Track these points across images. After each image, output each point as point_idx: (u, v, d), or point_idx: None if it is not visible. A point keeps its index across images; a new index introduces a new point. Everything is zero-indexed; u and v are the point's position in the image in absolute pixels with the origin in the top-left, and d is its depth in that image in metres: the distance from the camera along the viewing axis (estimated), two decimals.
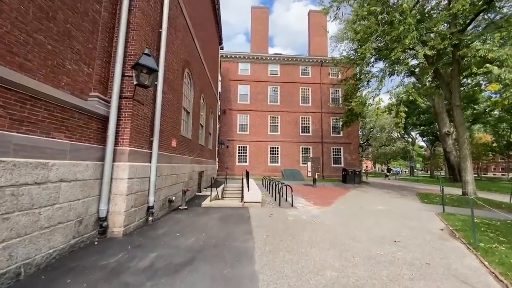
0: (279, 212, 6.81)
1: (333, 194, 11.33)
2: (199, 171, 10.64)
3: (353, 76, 14.69)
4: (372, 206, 8.55)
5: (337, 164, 21.13)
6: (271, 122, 21.02)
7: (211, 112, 14.81)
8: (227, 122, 20.57)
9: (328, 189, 13.54)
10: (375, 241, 4.57)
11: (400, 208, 8.39)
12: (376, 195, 11.63)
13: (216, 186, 12.33)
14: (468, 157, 10.42)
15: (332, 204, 8.69)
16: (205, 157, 12.42)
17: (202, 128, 11.97)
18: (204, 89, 11.88)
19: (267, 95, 21.25)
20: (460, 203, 9.37)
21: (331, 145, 21.26)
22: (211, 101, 14.43)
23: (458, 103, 10.54)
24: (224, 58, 21.18)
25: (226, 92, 20.96)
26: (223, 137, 20.44)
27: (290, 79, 21.60)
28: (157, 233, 4.58)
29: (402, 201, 9.97)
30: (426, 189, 16.14)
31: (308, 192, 11.72)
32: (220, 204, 7.48)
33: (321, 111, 21.50)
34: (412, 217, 6.90)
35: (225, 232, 4.79)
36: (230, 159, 20.14)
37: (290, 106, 21.29)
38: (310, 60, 21.71)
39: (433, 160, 48.07)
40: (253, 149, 20.44)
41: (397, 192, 13.23)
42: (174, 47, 6.90)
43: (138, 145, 4.89)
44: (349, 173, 17.73)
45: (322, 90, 21.66)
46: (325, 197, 10.28)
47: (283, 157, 20.66)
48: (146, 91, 5.21)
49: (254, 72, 21.41)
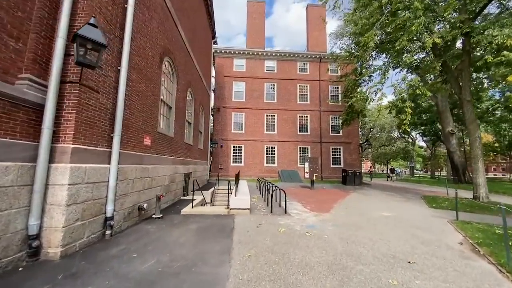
0: (270, 221, 5.87)
1: (332, 198, 10.40)
2: (185, 172, 9.69)
3: (353, 71, 13.77)
4: (375, 212, 7.62)
5: (336, 165, 20.21)
6: (267, 121, 20.08)
7: (202, 109, 13.87)
8: (221, 120, 19.61)
9: (327, 192, 12.61)
10: (384, 263, 3.64)
11: (408, 214, 7.46)
12: (379, 199, 10.71)
13: (207, 189, 11.41)
14: (480, 158, 9.50)
15: (331, 210, 7.75)
16: (193, 157, 11.47)
17: (190, 125, 11.02)
18: (192, 83, 10.94)
19: (263, 92, 20.31)
20: (473, 208, 8.44)
21: (330, 144, 20.34)
22: (202, 98, 13.49)
23: (469, 98, 9.63)
24: (218, 54, 20.24)
25: (221, 89, 20.00)
26: (217, 136, 19.48)
27: (287, 75, 20.68)
28: (109, 254, 3.62)
29: (408, 206, 9.04)
30: (430, 191, 15.23)
31: (305, 196, 10.78)
32: (202, 211, 6.52)
33: (319, 109, 20.57)
34: (423, 226, 5.96)
35: (197, 251, 3.84)
36: (225, 159, 19.18)
37: (287, 104, 20.37)
38: (308, 56, 20.78)
39: (434, 161, 47.30)
40: (249, 149, 19.49)
41: (401, 195, 12.31)
42: (148, 30, 5.95)
43: (89, 142, 3.93)
44: (349, 174, 16.81)
45: (320, 87, 20.74)
46: (323, 202, 9.34)
47: (280, 157, 19.72)
48: (103, 76, 4.27)
49: (249, 69, 20.47)
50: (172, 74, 8.24)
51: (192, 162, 11.09)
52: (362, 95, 10.61)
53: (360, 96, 10.59)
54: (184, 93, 9.50)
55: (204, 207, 6.95)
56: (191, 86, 10.72)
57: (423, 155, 68.66)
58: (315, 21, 22.02)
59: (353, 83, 12.63)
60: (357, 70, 12.95)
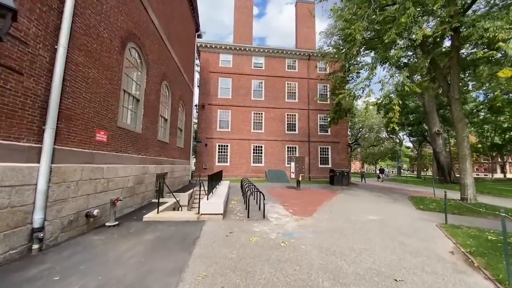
0: (244, 228, 5.19)
1: (317, 199, 9.86)
2: (159, 173, 8.86)
3: (341, 68, 13.33)
4: (361, 215, 7.11)
5: (324, 165, 19.82)
6: (254, 119, 19.42)
7: (183, 105, 13.03)
8: (206, 118, 18.77)
9: (313, 193, 12.09)
10: (368, 281, 3.04)
11: (395, 217, 6.99)
12: (366, 200, 10.27)
13: (186, 190, 10.59)
14: (468, 158, 9.22)
15: (314, 213, 7.17)
16: (170, 156, 10.64)
17: (166, 122, 10.18)
18: (169, 76, 10.10)
19: (250, 89, 19.62)
20: (461, 210, 8.10)
21: (318, 144, 19.93)
22: (182, 92, 12.64)
23: (458, 96, 9.33)
24: (204, 48, 19.37)
25: (206, 85, 19.16)
26: (201, 135, 18.63)
27: (275, 72, 20.08)
28: (23, 276, 2.83)
29: (395, 208, 8.62)
30: (417, 191, 15.05)
31: (289, 197, 10.19)
32: (169, 216, 5.76)
33: (308, 108, 20.11)
34: (411, 232, 5.47)
35: (141, 271, 3.10)
36: (209, 158, 18.36)
37: (275, 102, 19.78)
38: (297, 53, 20.27)
39: (420, 161, 48.24)
40: (235, 148, 18.76)
41: (388, 196, 11.97)
42: (103, 8, 5.13)
43: (5, 136, 3.11)
44: (337, 174, 16.42)
45: (309, 86, 20.29)
46: (307, 203, 8.77)
47: (267, 156, 19.11)
48: (31, 55, 3.45)
49: (236, 64, 19.72)
50: (140, 63, 7.40)
51: (168, 161, 10.26)
52: (349, 92, 10.14)
53: (347, 93, 10.12)
54: (157, 86, 8.67)
55: (172, 212, 6.18)
56: (168, 79, 9.88)
57: (409, 155, 70.23)
58: (305, 18, 21.56)
59: (341, 80, 12.18)
60: (345, 67, 12.50)
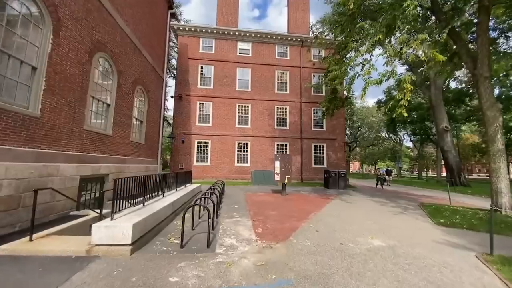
0: (153, 277, 2.89)
1: (303, 209, 7.56)
2: (88, 174, 6.53)
3: (336, 48, 11.03)
4: (361, 237, 4.82)
5: (319, 164, 17.53)
6: (240, 112, 17.09)
7: (143, 92, 10.70)
8: (183, 110, 16.42)
9: (301, 199, 9.78)
10: None
11: (410, 241, 4.71)
12: (367, 209, 7.98)
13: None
14: (503, 155, 6.96)
15: (292, 235, 4.87)
16: (117, 153, 8.33)
17: (108, 108, 7.86)
18: (111, 47, 7.78)
19: (235, 78, 17.29)
20: (502, 227, 5.82)
21: (312, 141, 17.63)
22: (142, 76, 10.32)
23: (488, 74, 7.06)
24: (182, 31, 17.01)
25: (184, 73, 16.80)
26: (177, 130, 16.27)
27: (264, 60, 17.76)
28: None
29: (408, 223, 6.33)
30: (426, 196, 12.81)
31: (268, 206, 7.88)
32: (42, 249, 3.43)
33: (300, 100, 17.81)
34: (446, 277, 3.18)
35: None
36: (186, 157, 16.02)
37: (263, 93, 17.46)
38: (289, 38, 17.94)
39: (422, 161, 46.14)
40: (217, 145, 16.42)
41: (394, 203, 9.69)
42: None
43: None
44: (333, 175, 14.15)
45: (302, 75, 17.98)
46: (288, 216, 6.46)
47: (253, 155, 16.79)
48: None
49: (220, 50, 17.38)
50: (41, 18, 5.05)
51: (113, 159, 7.93)
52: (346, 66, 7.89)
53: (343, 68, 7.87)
54: (83, 57, 6.34)
55: (58, 239, 3.83)
56: (107, 51, 7.55)
57: (409, 155, 68.30)
58: (297, 1, 19.28)
59: (336, 62, 9.90)
60: (340, 46, 10.22)
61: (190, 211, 5.20)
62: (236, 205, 7.94)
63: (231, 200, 8.90)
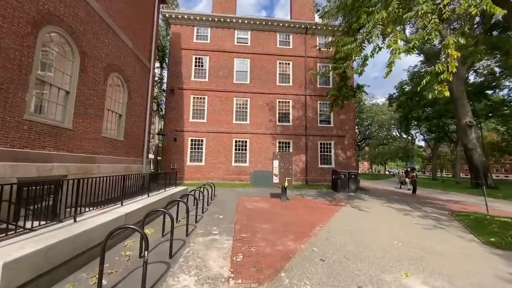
0: None
1: (305, 222, 5.92)
2: (26, 177, 5.12)
3: (345, 26, 9.31)
4: (389, 273, 3.15)
5: (326, 164, 15.77)
6: (237, 107, 15.55)
7: (122, 82, 9.33)
8: (176, 105, 15.02)
9: (304, 206, 8.12)
10: None
11: (464, 279, 3.00)
12: (388, 222, 6.25)
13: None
14: None
15: (283, 269, 3.25)
16: (84, 151, 6.96)
17: (67, 96, 6.47)
18: (76, 26, 6.38)
19: (232, 70, 15.76)
20: None
21: (318, 138, 15.89)
22: (119, 62, 8.95)
23: None
24: (175, 20, 15.63)
25: (176, 64, 15.41)
26: (169, 126, 14.89)
27: (264, 50, 16.16)
28: None
29: (448, 244, 4.58)
30: (453, 201, 10.89)
31: (260, 216, 6.27)
32: None
33: (305, 93, 16.09)
34: None
35: None
36: (179, 156, 14.60)
37: (264, 86, 15.86)
38: (291, 25, 16.27)
39: (437, 160, 43.29)
40: (212, 143, 14.95)
41: (419, 211, 7.90)
42: None
43: None
44: (342, 177, 12.40)
45: (307, 65, 16.27)
46: (283, 234, 4.83)
47: (253, 154, 15.21)
48: None
49: (215, 40, 15.90)
50: None
51: (72, 157, 6.53)
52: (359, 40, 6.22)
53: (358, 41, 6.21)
54: (23, 28, 4.94)
55: None
56: (66, 27, 6.15)
57: (421, 155, 65.21)
58: None
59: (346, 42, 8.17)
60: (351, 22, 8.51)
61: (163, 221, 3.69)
62: (222, 215, 6.39)
63: (218, 208, 7.36)
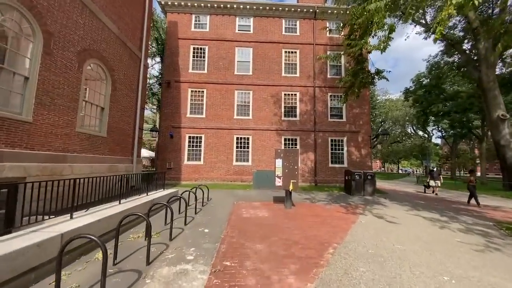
0: None
1: (313, 239, 4.51)
2: None
3: None
4: None
5: (337, 164, 14.21)
6: (239, 101, 14.24)
7: (104, 71, 8.21)
8: (172, 100, 13.89)
9: (312, 215, 6.69)
10: None
11: None
12: (421, 239, 4.72)
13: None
14: None
15: None
16: (50, 148, 5.87)
17: (27, 82, 5.37)
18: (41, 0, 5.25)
19: (234, 60, 14.45)
20: None
21: (328, 134, 14.35)
22: (102, 49, 7.85)
23: None
24: (171, 7, 14.46)
25: (173, 55, 14.25)
26: (165, 122, 13.78)
27: (268, 37, 14.73)
28: None
29: None
30: (491, 207, 9.16)
31: (255, 232, 4.92)
32: None
33: (313, 85, 14.56)
34: None
35: None
36: (176, 155, 13.48)
37: (268, 77, 14.45)
38: (299, 10, 14.73)
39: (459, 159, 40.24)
40: (211, 140, 13.73)
41: (456, 221, 6.31)
42: None
43: None
44: (356, 178, 10.87)
45: (316, 54, 14.72)
46: (282, 260, 3.43)
47: (256, 152, 13.88)
48: None
49: (215, 28, 14.63)
50: None
51: (34, 156, 5.44)
52: None
53: None
54: None
55: None
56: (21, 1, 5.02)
57: (438, 153, 62.04)
58: None
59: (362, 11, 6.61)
60: None
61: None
62: (208, 228, 5.11)
63: (208, 217, 6.08)
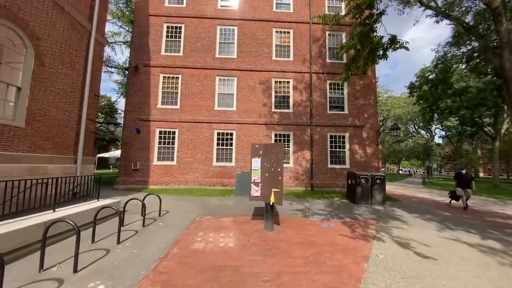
0: None
1: None
2: None
3: None
4: None
5: (338, 164, 11.96)
6: (221, 89, 11.98)
7: (22, 38, 5.92)
8: (140, 87, 11.61)
9: (301, 246, 4.38)
10: None
11: None
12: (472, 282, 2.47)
13: None
14: None
15: None
16: None
17: None
18: None
19: (215, 41, 12.19)
20: None
21: (327, 129, 12.10)
22: (19, 8, 5.53)
23: None
24: None
25: (142, 35, 11.98)
26: (131, 114, 11.48)
27: (256, 15, 12.49)
28: None
29: None
30: None
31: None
32: None
33: (310, 70, 12.31)
34: None
35: None
36: (143, 154, 11.20)
37: (255, 61, 12.20)
38: None
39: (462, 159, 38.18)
40: (187, 136, 11.46)
41: (506, 245, 4.07)
42: None
43: None
44: (362, 181, 8.60)
45: (312, 35, 12.47)
46: None
47: (241, 150, 11.61)
48: None
49: (193, 3, 12.37)
50: None
51: None
52: None
53: None
54: None
55: None
56: None
57: (440, 153, 60.68)
58: None
59: None
60: None
61: None
62: (110, 280, 2.81)
63: (132, 250, 3.78)
